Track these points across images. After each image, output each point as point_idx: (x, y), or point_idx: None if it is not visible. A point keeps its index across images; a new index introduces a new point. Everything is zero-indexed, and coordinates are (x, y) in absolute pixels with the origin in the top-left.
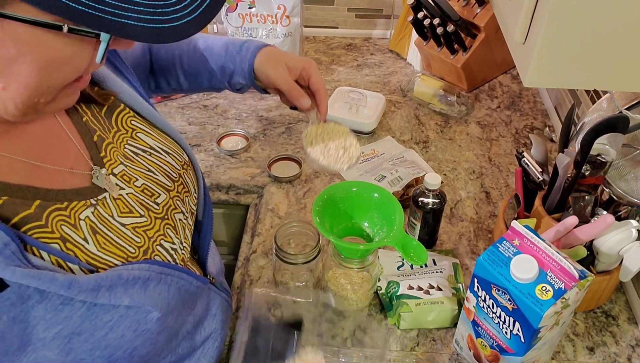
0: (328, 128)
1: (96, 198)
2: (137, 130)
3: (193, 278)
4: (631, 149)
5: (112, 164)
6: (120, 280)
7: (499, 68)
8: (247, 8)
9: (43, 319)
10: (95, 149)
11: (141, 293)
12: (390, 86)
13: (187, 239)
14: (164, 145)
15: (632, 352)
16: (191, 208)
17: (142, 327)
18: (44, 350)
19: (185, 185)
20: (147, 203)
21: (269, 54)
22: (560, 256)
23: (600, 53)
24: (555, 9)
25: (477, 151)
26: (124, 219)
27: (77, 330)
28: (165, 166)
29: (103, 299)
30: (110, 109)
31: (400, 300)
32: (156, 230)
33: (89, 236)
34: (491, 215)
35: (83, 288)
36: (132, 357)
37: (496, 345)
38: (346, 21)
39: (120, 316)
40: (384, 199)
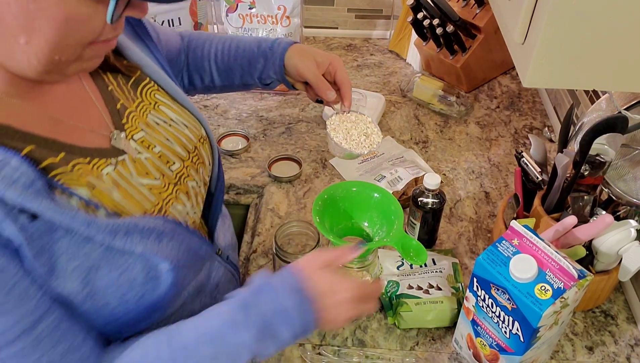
0: (351, 118)
1: (116, 158)
2: (160, 103)
3: (203, 243)
4: (630, 150)
5: (132, 130)
6: (137, 228)
7: (498, 68)
8: (248, 9)
9: (66, 252)
10: (117, 115)
11: (155, 245)
12: (390, 86)
13: (198, 205)
14: (184, 118)
15: (631, 352)
16: (204, 178)
17: (153, 275)
18: (66, 280)
19: (200, 157)
20: (162, 169)
21: (299, 49)
22: (559, 255)
23: (600, 53)
24: (554, 9)
25: (476, 151)
26: (142, 180)
27: (95, 266)
28: (182, 137)
29: (119, 243)
30: (136, 82)
31: (399, 300)
32: (169, 193)
33: (112, 187)
34: (490, 215)
35: (101, 229)
36: (142, 303)
37: (495, 344)
38: (346, 22)
39: (134, 261)
40: (383, 199)
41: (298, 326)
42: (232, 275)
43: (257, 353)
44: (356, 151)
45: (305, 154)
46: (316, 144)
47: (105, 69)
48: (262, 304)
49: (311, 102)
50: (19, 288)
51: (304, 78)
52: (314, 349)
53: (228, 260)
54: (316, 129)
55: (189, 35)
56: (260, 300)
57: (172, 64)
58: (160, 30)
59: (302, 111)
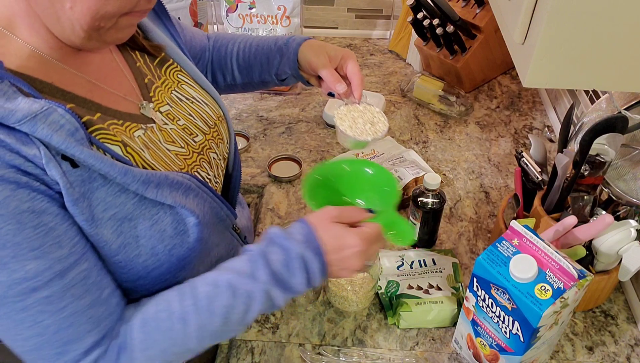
0: (359, 108)
1: (145, 125)
2: (183, 82)
3: (223, 206)
4: (630, 149)
5: (159, 103)
6: (167, 181)
7: (498, 68)
8: (248, 9)
9: (103, 201)
10: (145, 88)
11: (182, 198)
12: (390, 86)
13: (219, 176)
14: (204, 97)
15: (631, 352)
16: (224, 153)
17: (182, 228)
18: (102, 229)
19: (220, 133)
20: (186, 139)
21: (313, 44)
22: (559, 255)
23: (599, 53)
24: (554, 10)
25: (476, 151)
26: (169, 146)
27: (129, 217)
28: (204, 114)
29: (151, 194)
30: (161, 61)
31: (400, 300)
32: (194, 160)
33: (143, 148)
34: (490, 215)
35: (137, 178)
36: (172, 256)
37: (495, 344)
38: (346, 22)
39: (164, 213)
40: (378, 174)
41: (309, 273)
42: None
43: (270, 301)
44: (360, 138)
45: (305, 154)
46: (316, 144)
47: (133, 48)
48: (273, 253)
49: (311, 103)
50: (56, 233)
51: (316, 72)
52: (314, 349)
53: (245, 240)
54: (316, 129)
55: (215, 36)
56: (272, 250)
57: (195, 61)
58: (186, 27)
59: (302, 111)
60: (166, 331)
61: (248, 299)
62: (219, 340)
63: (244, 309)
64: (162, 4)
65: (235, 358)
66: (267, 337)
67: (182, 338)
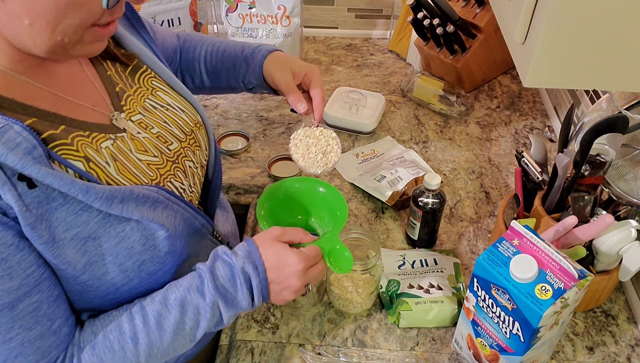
0: (316, 133)
1: (115, 135)
2: (157, 89)
3: (198, 215)
4: (630, 149)
5: (131, 112)
6: (132, 195)
7: (498, 68)
8: (248, 8)
9: (64, 221)
10: (117, 97)
11: (150, 211)
12: (390, 86)
13: (195, 186)
14: (180, 104)
15: (631, 352)
16: (201, 161)
17: (150, 243)
18: (64, 250)
19: (197, 140)
20: (160, 147)
21: (278, 58)
22: (559, 256)
23: (600, 53)
24: (554, 9)
25: (476, 151)
26: (140, 156)
27: (93, 235)
28: (179, 121)
29: (116, 210)
30: (134, 69)
31: (400, 299)
32: (167, 169)
33: (110, 161)
34: (491, 215)
35: (99, 195)
36: (141, 271)
37: (496, 344)
38: (346, 21)
39: (130, 229)
40: (329, 193)
41: (252, 289)
42: None
43: (216, 317)
44: (310, 170)
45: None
46: None
47: (105, 57)
48: (219, 269)
49: None
50: (7, 264)
51: (278, 87)
52: (314, 349)
53: (229, 246)
54: None
55: (185, 36)
56: (218, 265)
57: (168, 62)
58: (158, 30)
59: None
60: (117, 352)
61: (197, 314)
62: (168, 358)
63: (192, 324)
64: (135, 11)
65: (235, 358)
66: (267, 337)
67: (132, 359)
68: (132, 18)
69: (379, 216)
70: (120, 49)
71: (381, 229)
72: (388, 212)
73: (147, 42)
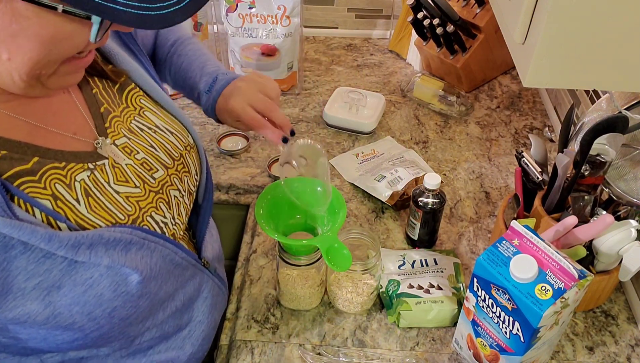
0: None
1: (94, 163)
2: (145, 109)
3: (179, 250)
4: (630, 149)
5: (115, 136)
6: (102, 240)
7: (498, 68)
8: (247, 8)
9: (25, 270)
10: (101, 119)
11: (122, 255)
12: (390, 86)
13: (180, 216)
14: (170, 125)
15: (631, 352)
16: (189, 188)
17: (122, 289)
18: (25, 300)
19: (186, 165)
20: (143, 176)
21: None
22: (559, 256)
23: (600, 53)
24: (554, 9)
25: (476, 151)
26: (119, 188)
27: (57, 284)
28: (167, 144)
29: (83, 257)
30: (122, 87)
31: (400, 299)
32: (149, 201)
33: (81, 197)
34: (491, 215)
35: (63, 243)
36: (112, 317)
37: (496, 344)
38: (346, 21)
39: (100, 275)
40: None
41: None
42: (219, 288)
43: None
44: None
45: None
46: None
47: (92, 73)
48: None
49: (311, 103)
50: None
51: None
52: (314, 349)
53: (215, 273)
54: (316, 129)
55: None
56: None
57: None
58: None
59: (302, 111)
60: None
61: None
62: None
63: None
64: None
65: (235, 358)
66: (267, 337)
67: None
68: (122, 33)
69: (379, 216)
70: (109, 65)
71: (381, 229)
72: (388, 212)
73: (138, 57)
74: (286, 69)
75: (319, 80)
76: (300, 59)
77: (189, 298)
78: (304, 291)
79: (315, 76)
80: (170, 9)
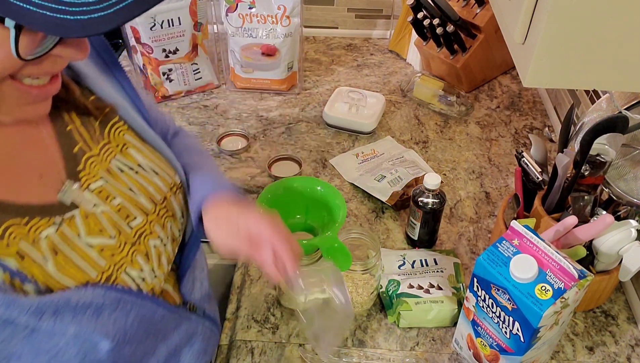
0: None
1: (62, 216)
2: (129, 145)
3: (159, 307)
4: (630, 149)
5: (89, 179)
6: (69, 305)
7: (498, 68)
8: (247, 8)
9: None
10: (73, 161)
11: (92, 320)
12: (390, 86)
13: (161, 267)
14: (155, 164)
15: (631, 352)
16: (173, 234)
17: (91, 357)
18: None
19: (170, 209)
20: (119, 225)
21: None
22: (559, 256)
23: (600, 53)
24: (554, 9)
25: (476, 151)
26: (92, 240)
27: (18, 353)
28: (150, 186)
29: (47, 324)
30: (104, 120)
31: (400, 299)
32: (123, 255)
33: (48, 255)
34: (491, 215)
35: (24, 309)
36: None
37: (496, 344)
38: (346, 21)
39: (65, 344)
40: (328, 192)
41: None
42: (210, 330)
43: None
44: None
45: (305, 154)
46: (316, 144)
47: (69, 108)
48: None
49: (311, 103)
50: None
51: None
52: (314, 349)
53: (205, 314)
54: (316, 129)
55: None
56: None
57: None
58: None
59: (302, 111)
60: None
61: None
62: None
63: None
64: (111, 50)
65: (235, 358)
66: (267, 337)
67: None
68: (109, 60)
69: (379, 216)
70: (91, 96)
71: (381, 229)
72: (388, 212)
73: (124, 87)
74: (286, 69)
75: (319, 80)
76: (300, 59)
77: (174, 349)
78: None
79: (315, 76)
80: (92, 14)
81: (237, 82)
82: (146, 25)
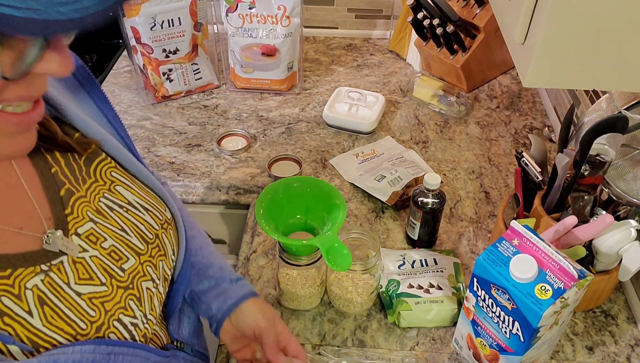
0: None
1: (49, 264)
2: (117, 183)
3: (151, 354)
4: (630, 149)
5: (77, 223)
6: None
7: (498, 68)
8: (248, 8)
9: None
10: (60, 205)
11: None
12: (390, 86)
13: (153, 310)
14: (145, 201)
15: (631, 352)
16: (165, 272)
17: None
18: None
19: (162, 247)
20: (111, 269)
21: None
22: (559, 255)
23: (600, 53)
24: (554, 9)
25: (476, 151)
26: (81, 288)
27: None
28: (141, 225)
29: None
30: (90, 158)
31: (400, 299)
32: (116, 302)
33: (34, 308)
34: (490, 215)
35: None
36: None
37: (495, 344)
38: (346, 21)
39: None
40: (327, 191)
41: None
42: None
43: None
44: None
45: (305, 154)
46: (316, 144)
47: (52, 148)
48: None
49: (311, 103)
50: None
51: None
52: (314, 349)
53: (194, 351)
54: (316, 129)
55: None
56: None
57: None
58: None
59: (302, 111)
60: None
61: None
62: None
63: None
64: (92, 77)
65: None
66: None
67: None
68: (83, 78)
69: (379, 216)
70: (74, 133)
71: (381, 229)
72: (388, 212)
73: (109, 120)
74: (286, 69)
75: (319, 80)
76: (300, 59)
77: None
78: (304, 291)
79: (315, 76)
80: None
81: (237, 82)
82: (146, 26)
